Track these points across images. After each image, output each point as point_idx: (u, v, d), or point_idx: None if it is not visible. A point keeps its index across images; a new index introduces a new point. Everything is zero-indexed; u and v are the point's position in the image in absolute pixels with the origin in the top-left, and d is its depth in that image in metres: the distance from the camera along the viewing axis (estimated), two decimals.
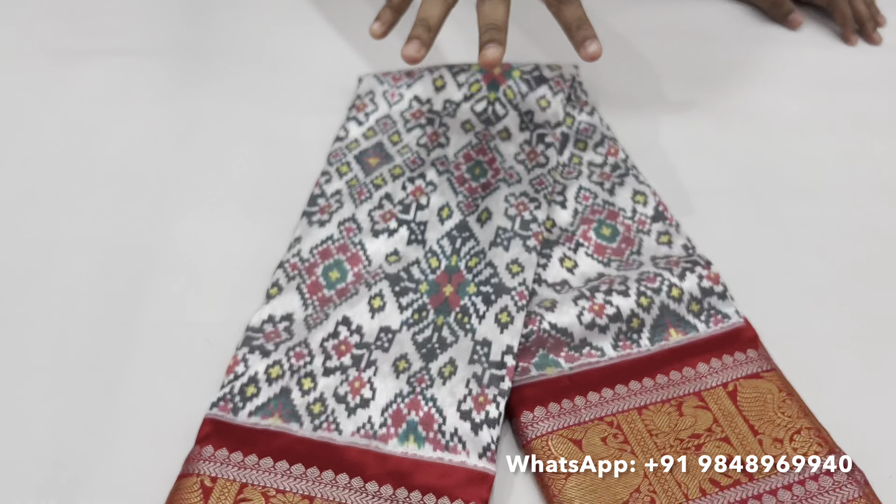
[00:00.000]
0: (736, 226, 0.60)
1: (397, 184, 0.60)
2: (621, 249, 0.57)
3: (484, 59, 0.45)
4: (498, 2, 0.47)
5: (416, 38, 0.47)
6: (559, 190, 0.61)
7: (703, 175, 0.64)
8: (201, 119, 0.68)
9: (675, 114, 0.71)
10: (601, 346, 0.50)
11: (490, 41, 0.46)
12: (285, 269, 0.54)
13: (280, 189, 0.62)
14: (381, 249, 0.56)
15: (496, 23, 0.46)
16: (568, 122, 0.66)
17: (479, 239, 0.56)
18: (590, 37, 0.47)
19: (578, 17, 0.48)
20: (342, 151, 0.64)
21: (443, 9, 0.48)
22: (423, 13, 0.48)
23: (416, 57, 0.47)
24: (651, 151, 0.66)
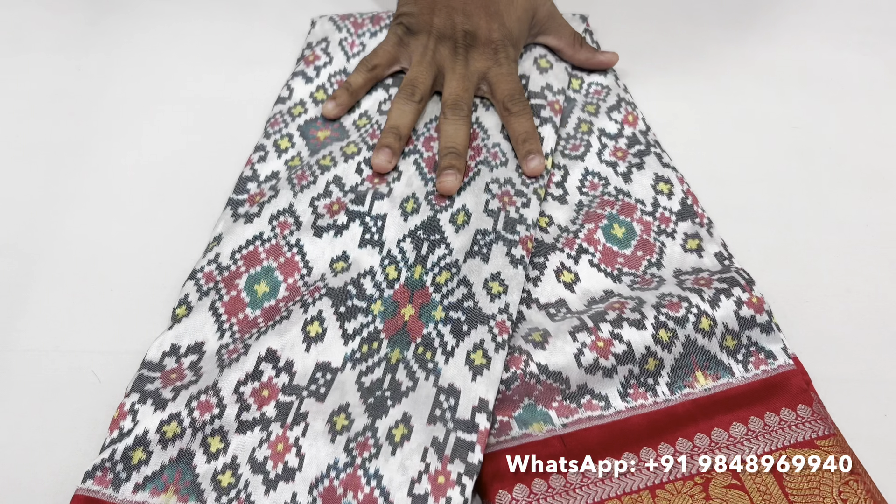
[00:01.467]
0: (782, 225, 0.48)
1: (350, 165, 0.48)
2: (637, 259, 0.45)
3: (441, 187, 0.46)
4: (460, 124, 0.49)
5: (387, 146, 0.48)
6: (559, 178, 0.48)
7: (741, 154, 0.52)
8: (108, 74, 0.56)
9: (707, 73, 0.57)
10: (606, 394, 0.39)
11: (449, 167, 0.46)
12: (198, 281, 0.43)
13: (203, 168, 0.50)
14: (324, 252, 0.44)
15: (456, 147, 0.47)
16: (575, 85, 0.53)
17: (452, 245, 0.44)
18: (533, 151, 0.48)
19: (526, 131, 0.49)
20: (283, 118, 0.51)
21: (413, 117, 0.50)
22: (393, 121, 0.49)
23: (387, 167, 0.48)
24: (677, 123, 0.53)
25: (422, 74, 0.51)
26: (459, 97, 0.50)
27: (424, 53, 0.52)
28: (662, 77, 0.56)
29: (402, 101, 0.50)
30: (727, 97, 0.55)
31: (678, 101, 0.55)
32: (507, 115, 0.49)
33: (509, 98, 0.50)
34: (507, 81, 0.50)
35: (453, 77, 0.51)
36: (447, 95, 0.50)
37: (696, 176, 0.49)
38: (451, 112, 0.49)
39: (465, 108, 0.49)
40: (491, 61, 0.51)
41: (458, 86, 0.50)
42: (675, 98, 0.55)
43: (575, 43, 0.54)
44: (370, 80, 0.53)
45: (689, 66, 0.57)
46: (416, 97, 0.50)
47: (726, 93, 0.56)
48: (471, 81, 0.51)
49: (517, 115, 0.49)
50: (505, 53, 0.51)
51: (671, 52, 0.58)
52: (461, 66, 0.51)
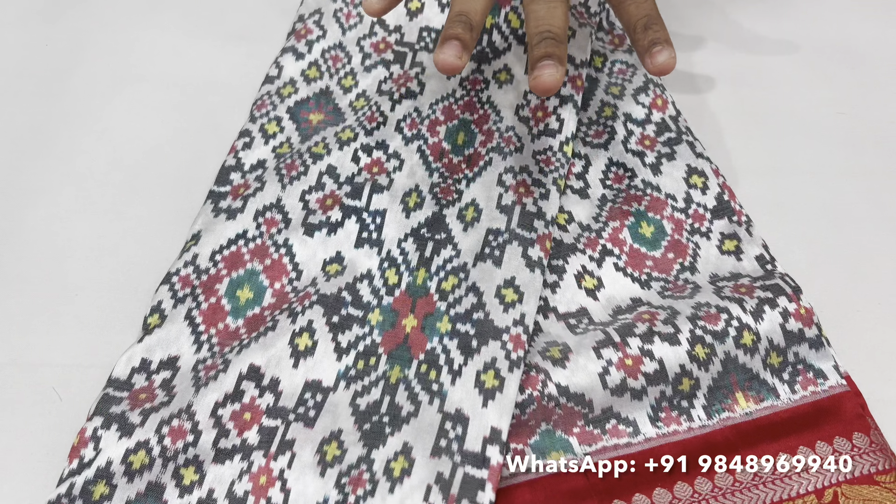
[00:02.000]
0: (829, 223, 0.43)
1: (346, 153, 0.43)
2: (668, 262, 0.40)
3: (538, 84, 0.35)
4: (556, 3, 0.37)
5: (455, 37, 0.36)
6: (580, 168, 0.44)
7: (781, 143, 0.47)
8: (78, 50, 0.50)
9: (742, 52, 0.52)
10: (634, 419, 0.35)
11: (546, 56, 0.35)
12: (172, 286, 0.38)
13: (181, 156, 0.45)
14: (316, 254, 0.39)
15: (553, 30, 0.36)
16: (597, 63, 0.48)
17: (460, 245, 0.39)
18: (660, 41, 0.37)
19: (647, 14, 0.38)
20: (271, 99, 0.46)
21: (484, 1, 0.37)
22: (462, 5, 0.37)
23: (457, 65, 0.35)
24: (710, 108, 0.48)
25: None
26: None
27: None
28: (693, 57, 0.51)
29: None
30: (764, 79, 0.50)
31: (710, 85, 0.50)
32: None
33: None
34: None
35: None
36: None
37: (731, 168, 0.44)
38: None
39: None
40: None
41: None
42: (707, 81, 0.50)
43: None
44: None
45: (722, 45, 0.52)
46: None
47: (763, 75, 0.50)
48: None
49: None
50: None
51: (702, 30, 0.53)
52: None
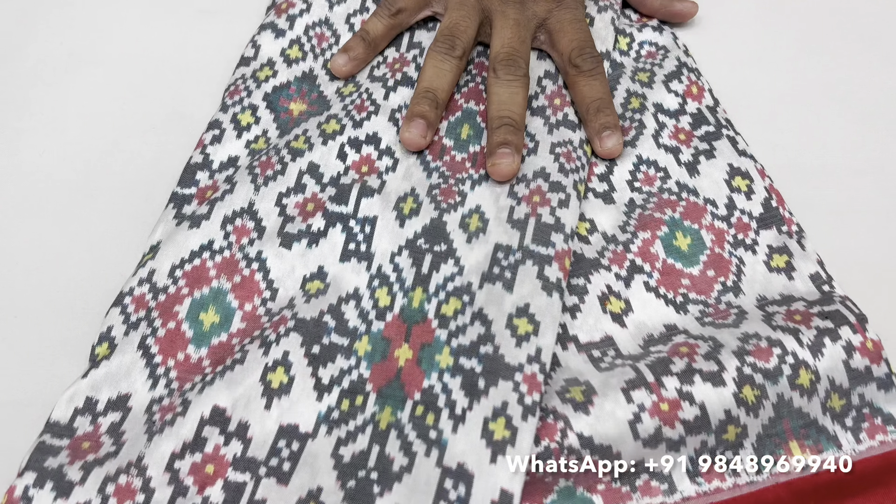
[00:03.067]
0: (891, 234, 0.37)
1: (330, 149, 0.37)
2: (708, 281, 0.35)
3: (494, 172, 0.36)
4: (516, 86, 0.38)
5: (420, 116, 0.38)
6: (603, 169, 0.38)
7: (836, 138, 0.41)
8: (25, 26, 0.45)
9: (789, 29, 0.46)
10: (669, 474, 0.30)
11: (503, 144, 0.36)
12: (125, 309, 0.33)
13: (141, 152, 0.39)
14: (294, 269, 0.34)
15: (512, 116, 0.37)
16: (622, 45, 0.42)
17: (464, 260, 0.34)
18: (610, 126, 0.38)
19: (599, 97, 0.38)
20: (246, 85, 0.40)
21: (453, 77, 0.39)
22: (428, 82, 0.39)
23: (422, 144, 0.38)
24: (750, 95, 0.42)
25: (464, 21, 0.40)
26: (514, 50, 0.39)
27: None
28: (731, 34, 0.45)
29: (440, 56, 0.39)
30: (816, 61, 0.44)
31: (751, 67, 0.44)
32: (576, 74, 0.39)
33: (578, 51, 0.39)
34: (575, 30, 0.40)
35: (505, 24, 0.40)
36: (498, 48, 0.40)
37: (776, 167, 0.39)
38: (503, 69, 0.38)
39: (521, 64, 0.39)
40: (552, 3, 0.41)
41: (511, 35, 0.40)
42: (747, 62, 0.44)
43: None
44: (393, 27, 0.42)
45: (766, 20, 0.46)
46: (457, 51, 0.40)
47: (815, 55, 0.45)
48: (527, 30, 0.40)
49: (588, 76, 0.39)
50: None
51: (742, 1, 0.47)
52: (514, 10, 0.40)
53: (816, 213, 0.37)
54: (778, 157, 0.39)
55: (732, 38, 0.45)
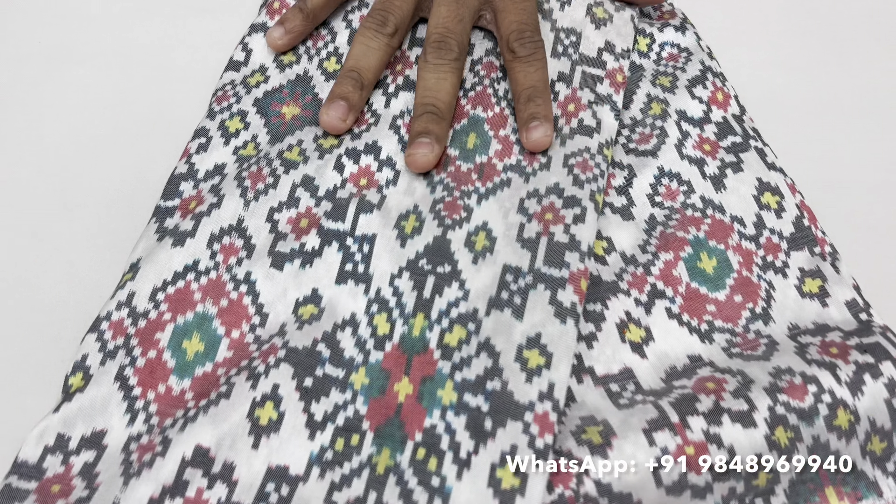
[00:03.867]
0: None
1: (327, 162, 0.35)
2: (735, 307, 0.32)
3: (409, 163, 0.35)
4: (444, 70, 0.36)
5: (341, 98, 0.36)
6: (621, 181, 0.36)
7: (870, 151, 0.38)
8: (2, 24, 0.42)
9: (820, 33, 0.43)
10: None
11: (423, 133, 0.35)
12: (101, 335, 0.30)
13: (125, 161, 0.37)
14: (286, 292, 0.32)
15: (436, 104, 0.36)
16: (642, 46, 0.40)
17: (469, 284, 0.31)
18: (539, 116, 0.35)
19: (532, 85, 0.36)
20: (235, 90, 0.38)
21: (381, 56, 0.37)
22: (354, 61, 0.37)
23: (340, 127, 0.36)
24: (778, 103, 0.40)
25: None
26: (448, 31, 0.37)
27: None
28: (757, 35, 0.43)
29: (369, 33, 0.37)
30: (849, 66, 0.42)
31: (779, 71, 0.41)
32: (512, 59, 0.37)
33: (517, 34, 0.37)
34: (518, 10, 0.38)
35: (443, 1, 0.38)
36: (431, 27, 0.37)
37: (807, 181, 0.36)
38: (433, 52, 0.36)
39: (454, 46, 0.37)
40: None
41: (447, 14, 0.37)
42: (774, 66, 0.41)
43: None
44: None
45: (794, 21, 0.44)
46: (389, 27, 0.37)
47: (848, 60, 0.42)
48: (467, 8, 0.38)
49: (523, 62, 0.36)
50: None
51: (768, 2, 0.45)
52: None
53: (851, 233, 0.35)
54: (809, 170, 0.37)
55: (759, 40, 0.42)
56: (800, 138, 0.38)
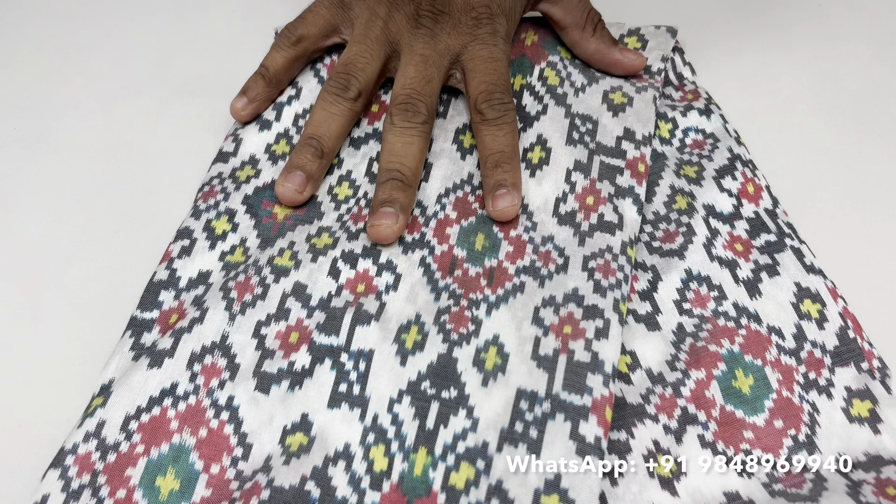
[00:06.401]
0: None
1: (321, 265, 0.33)
2: (775, 434, 0.29)
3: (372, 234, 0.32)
4: (411, 134, 0.35)
5: (298, 168, 0.35)
6: (645, 285, 0.33)
7: None
8: None
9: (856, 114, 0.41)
10: None
11: (386, 203, 0.33)
12: (65, 472, 0.28)
13: (102, 263, 0.34)
14: (272, 419, 0.29)
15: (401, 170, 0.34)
16: (664, 131, 0.38)
17: (478, 412, 0.28)
18: (506, 184, 0.33)
19: (500, 150, 0.34)
20: (223, 185, 0.36)
21: (343, 123, 0.36)
22: (314, 128, 0.36)
23: (297, 199, 0.35)
24: (814, 192, 0.37)
25: (362, 56, 0.36)
26: (416, 92, 0.35)
27: (371, 23, 0.37)
28: (787, 119, 0.40)
29: (330, 97, 0.36)
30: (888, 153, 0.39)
31: (814, 157, 0.39)
32: (479, 121, 0.35)
33: (485, 96, 0.35)
34: (487, 70, 0.36)
35: (410, 60, 0.36)
36: (398, 89, 0.36)
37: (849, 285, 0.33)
38: (399, 115, 0.35)
39: (422, 109, 0.35)
40: (468, 37, 0.36)
41: (414, 74, 0.36)
42: (808, 152, 0.39)
43: (587, 23, 0.38)
44: (296, 59, 0.38)
45: (827, 102, 0.41)
46: (351, 92, 0.36)
47: (887, 146, 0.40)
48: (436, 68, 0.36)
49: (491, 124, 0.35)
50: (490, 26, 0.36)
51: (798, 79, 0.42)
52: (423, 44, 0.36)
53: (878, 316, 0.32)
54: (849, 271, 0.34)
55: (789, 122, 0.40)
56: (837, 233, 0.35)
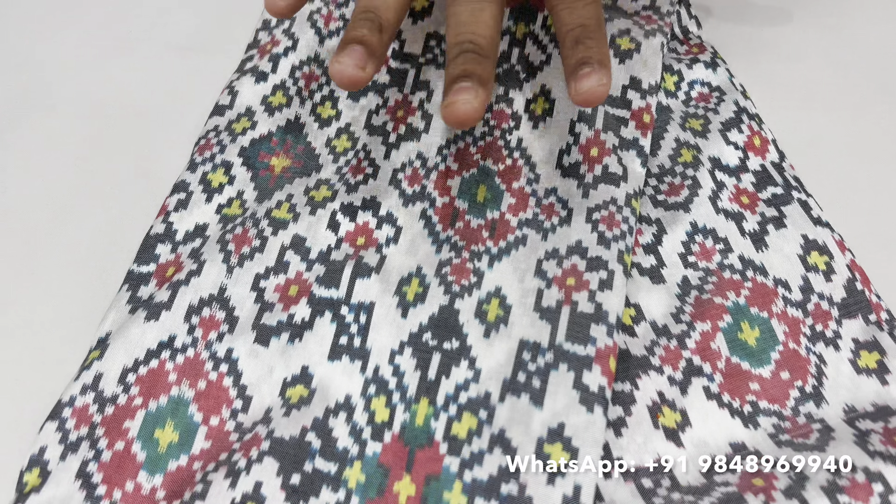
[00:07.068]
0: None
1: (320, 217, 0.32)
2: (782, 385, 0.29)
3: (449, 115, 0.27)
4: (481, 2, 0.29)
5: (357, 41, 0.28)
6: (649, 238, 0.33)
7: None
8: None
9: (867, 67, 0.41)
10: None
11: (463, 77, 0.27)
12: (63, 424, 0.27)
13: (97, 219, 0.34)
14: (272, 371, 0.29)
15: (475, 40, 0.29)
16: (669, 84, 0.37)
17: (481, 363, 0.28)
18: (590, 60, 0.28)
19: (581, 24, 0.29)
20: (219, 138, 0.35)
21: None
22: (367, 1, 0.30)
23: (359, 77, 0.28)
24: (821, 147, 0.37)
25: None
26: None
27: None
28: (794, 74, 0.40)
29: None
30: None
31: (820, 112, 0.38)
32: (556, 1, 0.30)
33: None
34: None
35: None
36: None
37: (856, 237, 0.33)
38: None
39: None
40: None
41: None
42: (814, 105, 0.38)
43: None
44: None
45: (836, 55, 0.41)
46: None
47: None
48: None
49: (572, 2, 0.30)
50: None
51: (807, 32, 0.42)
52: None
53: None
54: (858, 224, 0.33)
55: (796, 77, 0.39)
56: (845, 187, 0.35)
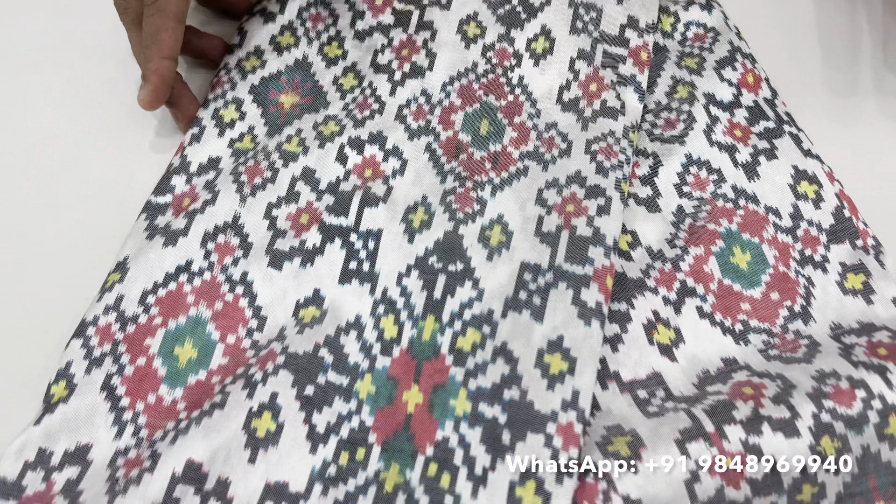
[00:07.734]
0: None
1: (328, 151, 0.33)
2: (772, 305, 0.30)
3: None
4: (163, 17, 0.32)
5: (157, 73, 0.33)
6: (646, 170, 0.34)
7: None
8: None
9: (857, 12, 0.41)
10: None
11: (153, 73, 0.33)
12: (87, 341, 0.29)
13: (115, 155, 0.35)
14: (286, 293, 0.30)
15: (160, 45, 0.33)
16: (665, 25, 0.38)
17: (483, 283, 0.30)
18: None
19: None
20: (230, 76, 0.36)
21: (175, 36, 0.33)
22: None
23: None
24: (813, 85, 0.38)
25: None
26: None
27: None
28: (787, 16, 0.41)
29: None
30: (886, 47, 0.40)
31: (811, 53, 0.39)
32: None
33: None
34: None
35: None
36: None
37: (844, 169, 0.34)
38: None
39: None
40: None
41: None
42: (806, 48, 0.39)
43: None
44: None
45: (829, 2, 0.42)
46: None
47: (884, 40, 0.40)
48: None
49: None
50: None
51: None
52: None
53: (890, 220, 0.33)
54: (845, 157, 0.35)
55: (788, 20, 0.40)
56: (835, 123, 0.36)
